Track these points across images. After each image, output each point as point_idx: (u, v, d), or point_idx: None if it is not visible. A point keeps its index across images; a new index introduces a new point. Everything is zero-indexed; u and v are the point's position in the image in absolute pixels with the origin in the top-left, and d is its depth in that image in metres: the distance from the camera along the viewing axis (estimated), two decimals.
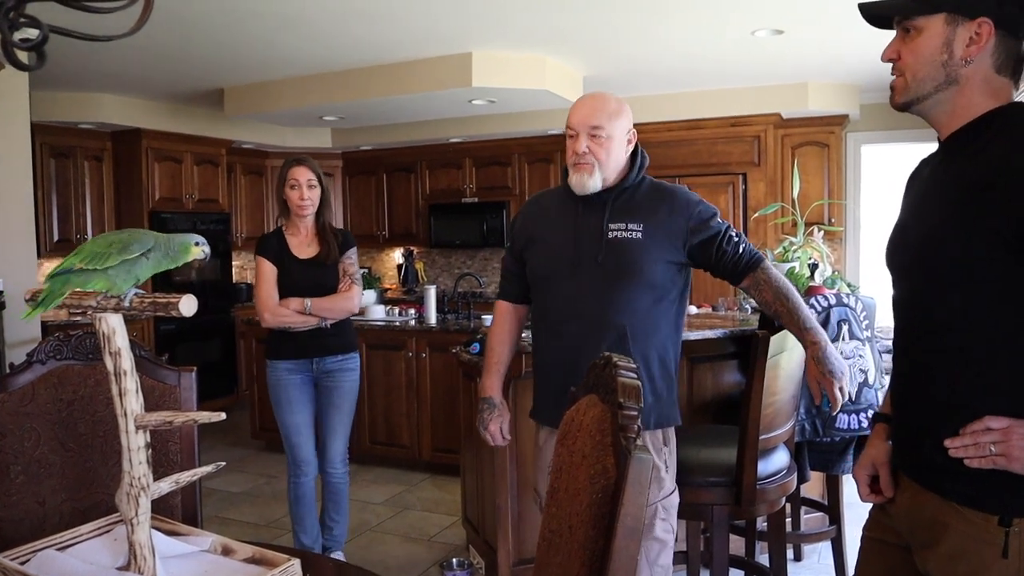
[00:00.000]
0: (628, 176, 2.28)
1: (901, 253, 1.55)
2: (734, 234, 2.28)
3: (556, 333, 2.29)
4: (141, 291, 1.42)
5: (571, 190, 2.28)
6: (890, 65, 1.51)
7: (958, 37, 1.40)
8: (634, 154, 2.30)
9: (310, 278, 3.36)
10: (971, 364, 1.38)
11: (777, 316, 2.28)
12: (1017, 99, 1.46)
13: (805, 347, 2.21)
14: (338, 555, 3.52)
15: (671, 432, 2.29)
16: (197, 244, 1.46)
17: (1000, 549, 1.33)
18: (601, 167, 2.21)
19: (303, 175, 3.37)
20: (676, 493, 2.28)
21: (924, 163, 1.64)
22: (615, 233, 2.22)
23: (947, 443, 1.36)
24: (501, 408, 2.43)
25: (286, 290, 3.34)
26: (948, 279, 1.40)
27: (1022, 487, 1.32)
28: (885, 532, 1.59)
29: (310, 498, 3.47)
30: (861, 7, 1.52)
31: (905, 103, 1.49)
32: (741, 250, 2.26)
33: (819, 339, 2.18)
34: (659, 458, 2.22)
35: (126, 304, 1.38)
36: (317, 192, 3.40)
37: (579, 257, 2.24)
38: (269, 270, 3.36)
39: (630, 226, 2.21)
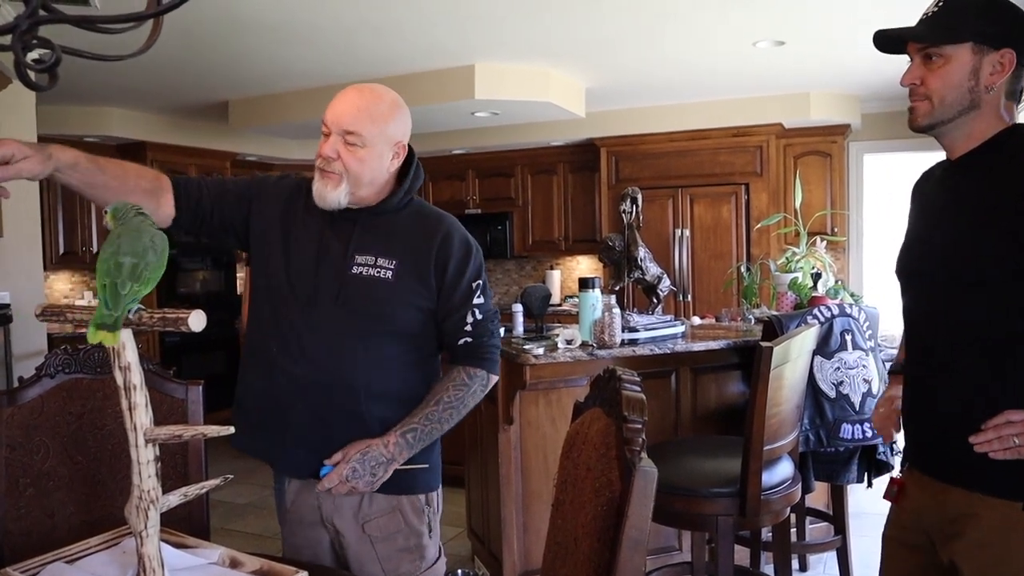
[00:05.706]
0: (391, 198, 1.86)
1: (917, 265, 1.62)
2: (480, 314, 1.89)
3: (269, 372, 1.86)
4: (144, 307, 1.42)
5: None
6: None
7: (984, 66, 1.49)
8: (405, 173, 1.89)
9: None
10: (995, 371, 1.45)
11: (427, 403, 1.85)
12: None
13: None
14: None
15: (435, 495, 1.94)
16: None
17: None
18: (350, 180, 1.79)
19: None
20: (443, 561, 1.93)
21: (927, 176, 1.71)
22: (360, 269, 1.82)
23: (971, 439, 1.43)
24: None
25: None
26: (971, 291, 1.48)
27: None
28: (904, 532, 1.65)
29: None
30: (876, 35, 1.57)
31: (929, 125, 1.56)
32: (473, 330, 1.88)
33: (396, 445, 1.78)
34: (420, 523, 1.88)
35: (131, 318, 1.39)
36: None
37: (316, 292, 1.82)
38: None
39: (379, 262, 1.82)
